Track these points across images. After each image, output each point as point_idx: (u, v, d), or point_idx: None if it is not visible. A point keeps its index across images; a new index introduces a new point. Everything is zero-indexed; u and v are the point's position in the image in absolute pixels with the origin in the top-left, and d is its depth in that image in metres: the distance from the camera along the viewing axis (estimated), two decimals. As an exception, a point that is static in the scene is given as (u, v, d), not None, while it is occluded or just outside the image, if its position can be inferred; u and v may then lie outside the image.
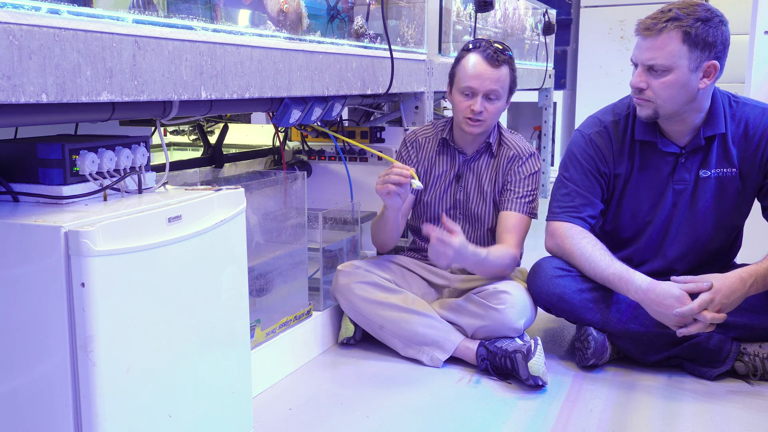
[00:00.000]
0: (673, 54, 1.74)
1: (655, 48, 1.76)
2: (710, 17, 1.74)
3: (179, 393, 1.28)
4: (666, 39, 1.74)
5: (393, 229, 2.08)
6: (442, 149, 2.17)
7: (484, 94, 2.01)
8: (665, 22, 1.74)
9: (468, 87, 2.02)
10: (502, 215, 2.10)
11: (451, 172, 2.16)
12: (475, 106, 2.01)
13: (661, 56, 1.75)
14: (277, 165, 2.70)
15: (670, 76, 1.76)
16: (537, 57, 4.26)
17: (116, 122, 2.24)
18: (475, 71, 2.01)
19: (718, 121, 1.88)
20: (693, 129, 1.89)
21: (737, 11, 4.84)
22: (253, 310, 1.61)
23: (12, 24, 1.01)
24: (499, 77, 2.01)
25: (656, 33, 1.75)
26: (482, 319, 1.93)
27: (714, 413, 1.68)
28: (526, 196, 2.09)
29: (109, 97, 1.18)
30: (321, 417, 1.66)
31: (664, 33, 1.74)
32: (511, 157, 2.12)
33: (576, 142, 2.02)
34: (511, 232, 2.05)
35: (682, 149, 1.91)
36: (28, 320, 1.10)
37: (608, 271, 1.85)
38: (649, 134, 1.92)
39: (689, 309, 1.71)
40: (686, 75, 1.76)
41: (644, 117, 1.85)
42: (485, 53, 2.01)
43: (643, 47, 1.78)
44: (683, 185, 1.93)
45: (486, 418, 1.66)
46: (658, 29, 1.75)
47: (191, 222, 1.28)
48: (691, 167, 1.92)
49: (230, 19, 1.63)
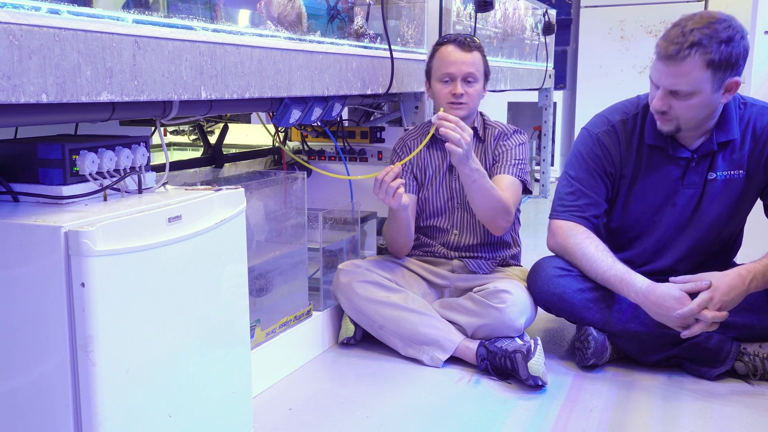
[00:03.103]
0: (697, 80, 1.70)
1: (678, 75, 1.70)
2: (732, 36, 1.68)
3: (179, 393, 1.28)
4: (689, 67, 1.68)
5: (408, 230, 2.11)
6: (432, 145, 2.20)
7: (462, 77, 2.08)
8: (688, 49, 1.67)
9: (446, 73, 2.09)
10: (494, 178, 2.11)
11: (443, 164, 2.18)
12: (456, 89, 2.08)
13: (684, 83, 1.71)
14: (277, 165, 2.70)
15: (693, 99, 1.73)
16: (537, 57, 4.26)
17: (116, 122, 2.23)
18: (450, 58, 2.09)
19: (731, 126, 1.86)
20: (705, 133, 1.88)
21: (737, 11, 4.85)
22: (253, 310, 1.61)
23: (12, 24, 1.01)
24: (474, 60, 2.10)
25: (680, 61, 1.69)
26: (482, 318, 1.93)
27: (714, 413, 1.68)
28: (517, 164, 2.13)
29: (109, 97, 1.18)
30: (321, 417, 1.66)
31: (688, 60, 1.68)
32: (497, 135, 2.18)
33: (583, 141, 2.00)
34: (503, 190, 2.06)
35: (694, 153, 1.90)
36: (28, 320, 1.10)
37: (609, 272, 1.85)
38: (659, 139, 1.91)
39: (689, 309, 1.71)
40: (709, 96, 1.73)
41: (666, 132, 1.84)
42: (456, 41, 2.11)
43: (665, 72, 1.72)
44: (693, 188, 1.92)
45: (486, 418, 1.66)
46: (681, 57, 1.68)
47: (191, 222, 1.28)
48: (701, 171, 1.91)
49: (230, 19, 1.63)
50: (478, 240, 2.18)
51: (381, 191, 1.92)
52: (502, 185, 2.08)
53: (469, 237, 2.18)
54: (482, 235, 2.17)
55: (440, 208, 2.19)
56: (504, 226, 2.07)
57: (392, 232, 2.13)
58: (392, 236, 2.15)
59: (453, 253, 2.19)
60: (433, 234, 2.21)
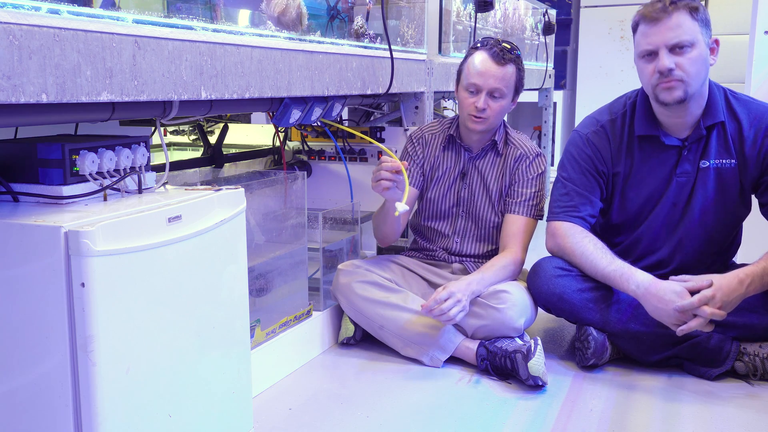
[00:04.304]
0: (692, 30, 1.77)
1: (674, 27, 1.77)
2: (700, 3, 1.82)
3: (179, 393, 1.28)
4: (680, 18, 1.77)
5: (393, 222, 2.09)
6: (448, 145, 2.18)
7: (488, 91, 2.03)
8: (671, 5, 1.78)
9: (472, 84, 2.04)
10: (507, 218, 2.10)
11: (456, 169, 2.17)
12: (479, 103, 2.02)
13: (682, 32, 1.77)
14: (277, 165, 2.70)
15: (694, 51, 1.78)
16: (537, 57, 4.26)
17: (116, 122, 2.23)
18: (479, 68, 2.03)
19: (716, 109, 1.89)
20: (694, 120, 1.89)
21: (737, 11, 4.85)
22: (253, 310, 1.61)
23: (12, 24, 1.01)
24: (504, 75, 2.03)
25: (668, 14, 1.77)
26: (482, 318, 1.93)
27: (714, 413, 1.68)
28: (532, 198, 2.10)
29: (109, 97, 1.18)
30: (321, 417, 1.66)
31: (675, 13, 1.77)
32: (518, 157, 2.13)
33: (573, 142, 2.02)
34: (516, 236, 2.07)
35: (684, 141, 1.91)
36: (28, 320, 1.10)
37: (609, 268, 1.86)
38: (651, 128, 1.92)
39: (689, 303, 1.72)
40: (705, 50, 1.80)
41: (673, 100, 1.82)
42: (491, 51, 2.03)
43: (661, 30, 1.78)
44: (686, 177, 1.93)
45: (486, 418, 1.66)
46: (668, 12, 1.77)
47: (191, 222, 1.28)
48: (692, 158, 1.92)
49: (230, 19, 1.63)
50: (480, 250, 2.18)
51: (375, 178, 1.90)
52: (516, 229, 2.07)
53: (471, 245, 2.18)
54: (484, 245, 2.17)
55: (444, 212, 2.19)
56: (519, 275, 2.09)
57: (378, 219, 2.13)
58: (378, 222, 2.15)
59: (454, 257, 2.19)
60: (434, 237, 2.21)
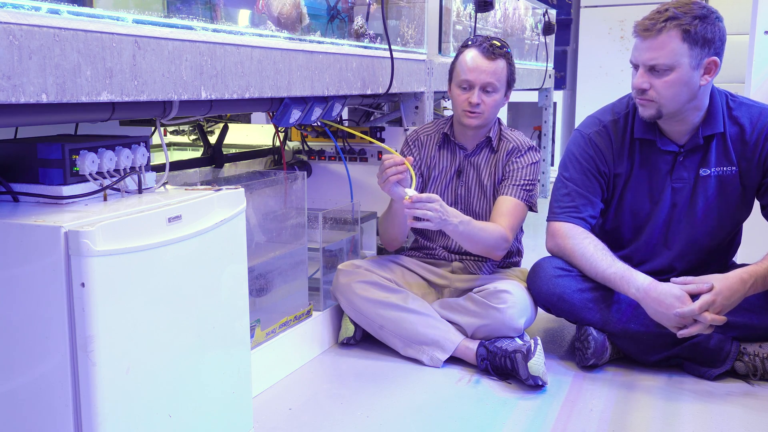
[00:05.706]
0: (675, 53, 1.74)
1: (655, 48, 1.75)
2: (707, 14, 1.75)
3: (179, 393, 1.28)
4: (666, 38, 1.74)
5: (402, 223, 2.07)
6: (444, 144, 2.19)
7: (480, 86, 2.04)
8: (663, 22, 1.74)
9: (465, 80, 2.05)
10: (498, 200, 2.09)
11: (452, 167, 2.17)
12: (473, 98, 2.03)
13: (662, 56, 1.75)
14: (277, 165, 2.70)
15: (672, 75, 1.76)
16: (537, 57, 4.26)
17: (116, 122, 2.24)
18: (471, 64, 2.04)
19: (717, 120, 1.88)
20: (692, 128, 1.89)
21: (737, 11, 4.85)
22: (253, 310, 1.61)
23: (12, 24, 1.01)
24: (495, 70, 2.04)
25: (656, 33, 1.75)
26: (482, 318, 1.93)
27: (714, 413, 1.68)
28: (525, 185, 2.09)
29: (109, 97, 1.18)
30: (321, 417, 1.66)
31: (664, 33, 1.74)
32: (511, 150, 2.13)
33: (575, 142, 2.02)
34: (504, 216, 2.04)
35: (681, 148, 1.91)
36: (28, 320, 1.10)
37: (609, 270, 1.85)
38: (648, 132, 1.92)
39: (690, 310, 1.71)
40: (688, 73, 1.76)
41: (647, 117, 1.85)
42: (481, 47, 2.05)
43: (643, 48, 1.78)
44: (682, 184, 1.93)
45: (486, 418, 1.66)
46: (657, 29, 1.75)
47: (191, 222, 1.28)
48: (690, 166, 1.92)
49: (230, 19, 1.63)
50: None
51: (383, 178, 1.90)
52: (504, 209, 2.05)
53: None
54: None
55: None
56: (501, 254, 2.05)
57: (386, 221, 2.13)
58: (386, 225, 2.14)
59: (453, 256, 2.19)
60: (433, 236, 2.21)
